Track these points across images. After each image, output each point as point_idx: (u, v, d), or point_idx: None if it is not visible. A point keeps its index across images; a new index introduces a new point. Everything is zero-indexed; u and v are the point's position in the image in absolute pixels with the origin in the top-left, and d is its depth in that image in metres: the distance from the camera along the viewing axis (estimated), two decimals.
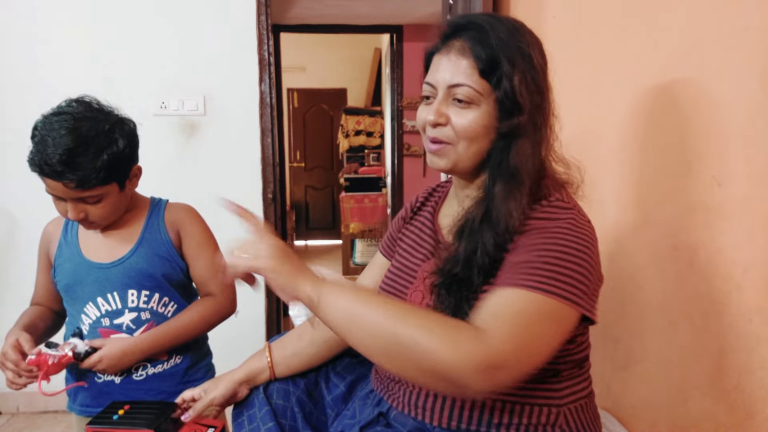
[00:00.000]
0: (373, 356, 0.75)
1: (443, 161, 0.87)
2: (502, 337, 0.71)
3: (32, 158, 1.09)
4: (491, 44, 0.81)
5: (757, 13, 0.92)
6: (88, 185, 1.10)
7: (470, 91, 0.82)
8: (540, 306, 0.74)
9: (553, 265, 0.76)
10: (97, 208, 1.15)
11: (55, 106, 1.14)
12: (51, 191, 1.12)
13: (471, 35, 0.83)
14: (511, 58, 0.81)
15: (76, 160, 1.07)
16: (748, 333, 0.95)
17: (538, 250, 0.77)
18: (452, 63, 0.84)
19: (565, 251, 0.77)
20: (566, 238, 0.78)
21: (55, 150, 1.06)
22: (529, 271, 0.76)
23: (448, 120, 0.85)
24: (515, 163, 0.82)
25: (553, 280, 0.75)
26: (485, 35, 0.82)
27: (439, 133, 0.86)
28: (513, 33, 0.83)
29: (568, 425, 0.87)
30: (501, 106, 0.82)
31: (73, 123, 1.09)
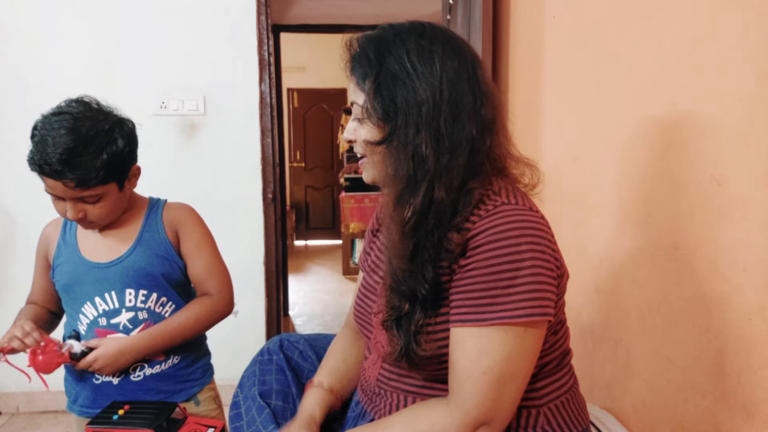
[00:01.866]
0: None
1: (365, 174, 0.89)
2: (470, 408, 0.77)
3: (32, 157, 1.09)
4: (362, 63, 0.83)
5: (757, 12, 0.92)
6: (87, 185, 1.10)
7: (358, 108, 0.84)
8: (506, 343, 0.75)
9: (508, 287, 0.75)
10: (96, 207, 1.15)
11: (55, 106, 1.14)
12: (50, 191, 1.13)
13: (354, 56, 0.85)
14: (377, 74, 0.81)
15: (75, 160, 1.07)
16: (748, 333, 0.95)
17: (487, 274, 0.76)
18: (349, 82, 0.86)
19: (514, 267, 0.75)
20: (511, 252, 0.75)
21: (55, 149, 1.06)
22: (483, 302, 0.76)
23: (356, 136, 0.87)
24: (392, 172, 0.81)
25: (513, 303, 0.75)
26: (358, 55, 0.84)
27: (355, 148, 0.88)
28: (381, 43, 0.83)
29: (550, 425, 0.86)
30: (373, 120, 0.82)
31: (73, 123, 1.09)
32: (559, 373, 0.90)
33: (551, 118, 1.74)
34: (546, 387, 0.87)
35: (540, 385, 0.86)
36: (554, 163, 1.71)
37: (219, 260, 1.32)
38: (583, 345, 1.52)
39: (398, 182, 0.80)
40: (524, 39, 1.94)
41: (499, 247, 0.76)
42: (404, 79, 0.80)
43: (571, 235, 1.58)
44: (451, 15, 2.41)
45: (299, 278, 4.92)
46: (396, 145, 0.80)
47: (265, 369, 1.05)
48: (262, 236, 2.47)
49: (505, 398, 0.78)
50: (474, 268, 0.77)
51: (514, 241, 0.76)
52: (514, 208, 0.79)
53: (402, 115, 0.80)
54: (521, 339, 0.76)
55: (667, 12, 1.16)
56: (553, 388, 0.88)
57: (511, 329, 0.75)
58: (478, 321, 0.76)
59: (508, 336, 0.75)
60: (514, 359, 0.76)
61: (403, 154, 0.80)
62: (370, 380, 0.96)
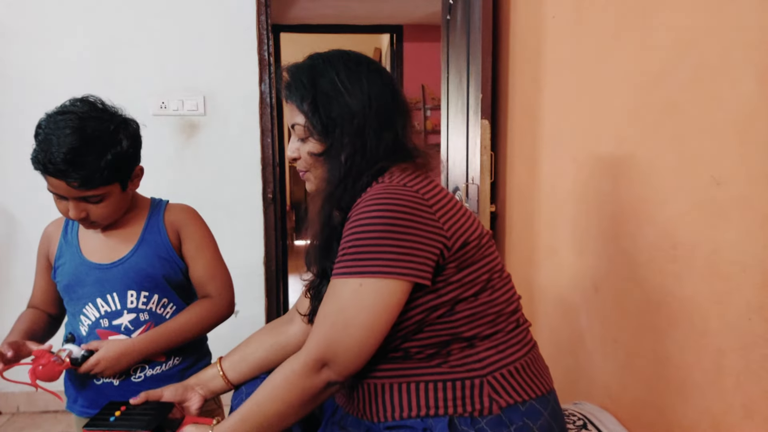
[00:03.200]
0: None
1: (309, 185, 1.03)
2: (313, 341, 0.87)
3: (36, 156, 1.09)
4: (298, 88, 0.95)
5: (756, 12, 0.92)
6: (91, 185, 1.10)
7: (300, 128, 0.96)
8: (352, 295, 0.85)
9: (356, 246, 0.85)
10: (99, 207, 1.15)
11: (60, 105, 1.14)
12: (53, 190, 1.12)
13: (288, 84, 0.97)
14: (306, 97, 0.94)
15: (80, 159, 1.07)
16: (747, 332, 0.95)
17: (346, 236, 0.88)
18: (287, 106, 0.99)
19: (365, 227, 0.85)
20: (366, 214, 0.86)
21: (60, 149, 1.06)
22: (338, 259, 0.87)
23: (299, 153, 0.99)
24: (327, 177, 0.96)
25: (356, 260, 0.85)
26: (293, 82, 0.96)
27: (298, 165, 1.01)
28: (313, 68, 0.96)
29: (498, 393, 0.89)
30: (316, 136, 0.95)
31: (78, 122, 1.09)
32: (506, 344, 0.93)
33: (550, 118, 1.74)
34: (489, 357, 0.91)
35: (482, 356, 0.91)
36: (553, 162, 1.72)
37: (220, 262, 1.32)
38: (581, 345, 1.52)
39: (331, 184, 0.94)
40: (524, 39, 1.94)
41: (354, 215, 0.88)
42: (337, 97, 0.93)
43: (570, 234, 1.58)
44: (451, 15, 2.41)
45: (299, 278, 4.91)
46: (334, 153, 0.94)
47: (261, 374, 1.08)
48: (262, 236, 2.47)
49: (343, 342, 0.86)
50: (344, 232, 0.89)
51: (365, 208, 0.86)
52: (384, 186, 0.89)
53: (339, 127, 0.93)
54: (358, 293, 0.85)
55: (666, 12, 1.16)
56: (498, 357, 0.92)
57: (347, 283, 0.86)
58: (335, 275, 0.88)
59: (345, 287, 0.86)
60: (349, 309, 0.85)
61: (339, 160, 0.93)
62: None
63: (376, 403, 0.93)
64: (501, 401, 0.89)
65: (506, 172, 2.09)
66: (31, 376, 1.11)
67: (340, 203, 0.93)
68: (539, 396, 0.93)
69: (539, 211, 1.81)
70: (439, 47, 2.63)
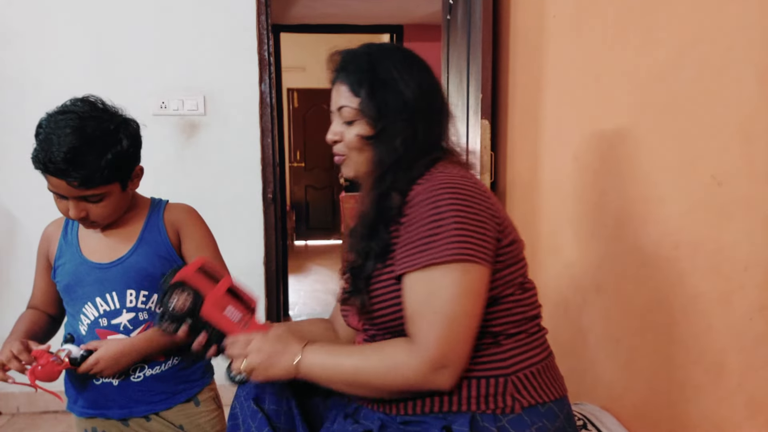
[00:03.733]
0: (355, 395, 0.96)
1: (347, 170, 1.04)
2: (430, 343, 0.84)
3: (36, 156, 1.09)
4: (354, 72, 0.99)
5: (757, 12, 0.92)
6: (91, 184, 1.10)
7: (350, 110, 0.99)
8: (445, 282, 0.85)
9: (434, 234, 0.85)
10: (99, 207, 1.15)
11: (61, 105, 1.14)
12: (53, 189, 1.12)
13: (344, 66, 1.01)
14: (367, 82, 0.97)
15: (80, 159, 1.07)
16: (749, 332, 0.95)
17: (419, 225, 0.87)
18: (337, 90, 1.02)
19: (443, 214, 0.86)
20: (444, 201, 0.87)
21: (60, 148, 1.06)
22: (418, 249, 0.86)
23: (342, 137, 1.01)
24: (376, 160, 0.97)
25: (444, 246, 0.84)
26: (350, 66, 1.00)
27: (337, 148, 1.03)
28: (369, 58, 1.00)
29: (519, 392, 0.90)
30: (368, 119, 0.97)
31: (79, 122, 1.09)
32: (528, 345, 0.94)
33: (551, 118, 1.74)
34: (514, 357, 0.92)
35: (507, 354, 0.92)
36: (554, 162, 1.71)
37: (220, 262, 1.31)
38: (583, 344, 1.52)
39: (382, 167, 0.96)
40: (524, 39, 1.93)
41: (425, 201, 0.88)
42: (393, 84, 0.97)
43: (572, 234, 1.58)
44: (451, 15, 2.40)
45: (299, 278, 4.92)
46: (385, 138, 0.96)
47: None
48: (262, 236, 2.46)
49: (460, 338, 0.85)
50: (409, 223, 0.89)
51: (436, 195, 0.88)
52: (444, 174, 0.92)
53: (393, 113, 0.96)
54: (460, 280, 0.85)
55: (667, 11, 1.16)
56: (522, 358, 0.93)
57: (449, 271, 0.85)
58: (415, 265, 0.86)
59: (447, 277, 0.85)
60: (459, 298, 0.85)
61: (391, 144, 0.96)
62: None
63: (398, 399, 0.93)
64: (523, 401, 0.90)
65: (506, 172, 2.09)
66: (30, 376, 1.10)
67: (394, 186, 0.94)
68: (557, 399, 0.94)
69: (540, 211, 1.81)
70: (439, 47, 2.63)
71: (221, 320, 1.00)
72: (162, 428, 1.27)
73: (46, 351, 1.12)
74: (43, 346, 1.13)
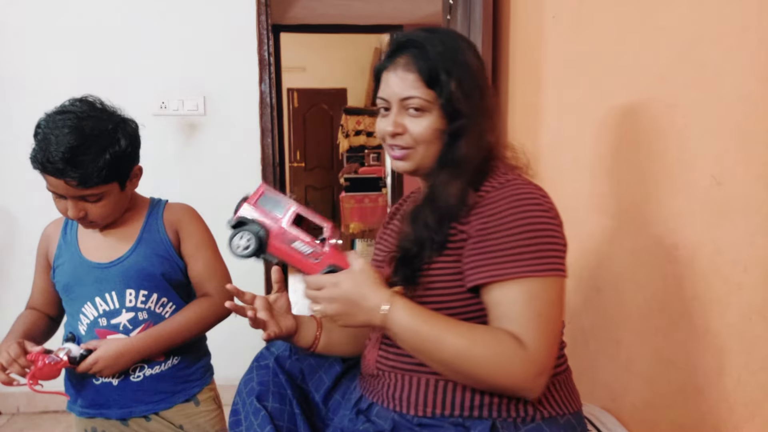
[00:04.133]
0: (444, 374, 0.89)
1: (407, 164, 0.97)
2: (538, 347, 0.82)
3: (35, 156, 1.09)
4: (430, 58, 0.91)
5: (757, 13, 0.92)
6: (89, 184, 1.10)
7: (421, 102, 0.92)
8: (547, 289, 0.84)
9: (534, 244, 0.84)
10: (97, 206, 1.15)
11: (59, 105, 1.14)
12: (52, 189, 1.12)
13: (412, 52, 0.92)
14: (449, 69, 0.90)
15: (78, 159, 1.07)
16: (748, 333, 0.95)
17: (510, 234, 0.85)
18: (400, 78, 0.93)
19: (537, 228, 0.85)
20: (531, 215, 0.85)
21: (58, 148, 1.06)
22: (520, 258, 0.84)
23: (405, 129, 0.94)
24: (461, 155, 0.92)
25: (542, 258, 0.84)
26: (424, 50, 0.92)
27: (400, 141, 0.95)
28: (447, 44, 0.93)
29: (541, 403, 0.89)
30: (445, 111, 0.92)
31: (77, 122, 1.09)
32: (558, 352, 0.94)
33: (551, 118, 1.74)
34: None
35: None
36: (554, 163, 1.71)
37: (219, 261, 1.32)
38: (583, 345, 1.52)
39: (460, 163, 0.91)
40: (524, 39, 1.93)
41: (516, 212, 0.85)
42: (469, 73, 0.92)
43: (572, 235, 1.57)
44: (451, 15, 2.40)
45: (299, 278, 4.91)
46: (463, 131, 0.91)
47: (261, 373, 1.06)
48: None
49: (555, 344, 0.85)
50: (495, 230, 0.85)
51: (524, 206, 0.86)
52: (522, 183, 0.90)
53: (471, 103, 0.91)
54: (553, 287, 0.85)
55: (667, 12, 1.16)
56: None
57: (550, 282, 0.85)
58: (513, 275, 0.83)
59: (544, 283, 0.84)
60: (555, 303, 0.85)
61: (471, 139, 0.91)
62: (369, 365, 1.00)
63: (415, 395, 0.92)
64: (544, 411, 0.89)
65: None
66: (29, 379, 1.10)
67: (472, 183, 0.90)
68: (575, 412, 0.94)
69: None
70: None
71: (290, 258, 0.94)
72: (162, 428, 1.27)
73: (41, 352, 1.12)
74: (37, 348, 1.13)
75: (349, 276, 0.88)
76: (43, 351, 1.13)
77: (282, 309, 1.03)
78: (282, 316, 1.02)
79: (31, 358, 1.11)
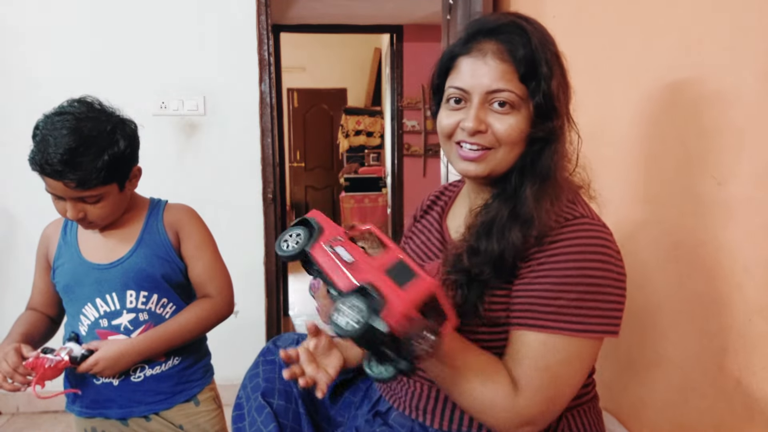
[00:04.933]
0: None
1: (481, 167, 0.85)
2: (530, 401, 0.78)
3: (33, 157, 1.09)
4: (531, 47, 0.79)
5: (757, 13, 0.92)
6: (88, 185, 1.09)
7: (513, 96, 0.80)
8: (568, 347, 0.78)
9: (580, 300, 0.77)
10: (97, 207, 1.15)
11: (57, 106, 1.14)
12: (51, 190, 1.12)
13: (507, 38, 0.80)
14: (549, 62, 0.80)
15: (76, 160, 1.07)
16: (748, 332, 0.95)
17: (559, 284, 0.78)
18: (490, 67, 0.80)
19: (591, 283, 0.78)
20: (590, 267, 0.78)
21: (57, 149, 1.06)
22: (557, 311, 0.78)
23: (488, 126, 0.82)
24: (550, 165, 0.82)
25: (582, 316, 0.77)
26: (524, 38, 0.80)
27: (482, 140, 0.83)
28: (545, 34, 0.82)
29: (570, 428, 0.88)
30: (538, 110, 0.81)
31: (75, 123, 1.09)
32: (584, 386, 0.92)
33: None
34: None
35: None
36: None
37: (219, 262, 1.32)
38: None
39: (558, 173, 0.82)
40: None
41: (575, 260, 0.78)
42: (564, 70, 0.82)
43: None
44: (451, 15, 2.40)
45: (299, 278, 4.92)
46: (559, 137, 0.82)
47: (267, 368, 1.05)
48: (262, 236, 2.46)
49: (558, 407, 0.80)
50: (547, 275, 0.79)
51: (591, 258, 0.78)
52: (592, 225, 0.81)
53: (563, 104, 0.82)
54: (589, 352, 0.80)
55: (667, 12, 1.16)
56: (579, 394, 0.89)
57: (583, 342, 0.79)
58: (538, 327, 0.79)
59: (569, 342, 0.78)
60: (579, 372, 0.80)
61: (560, 144, 0.82)
62: None
63: (441, 408, 0.89)
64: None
65: None
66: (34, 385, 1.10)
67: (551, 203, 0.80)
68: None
69: None
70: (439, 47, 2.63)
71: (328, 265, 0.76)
72: (162, 428, 1.27)
73: (37, 357, 1.11)
74: (34, 353, 1.12)
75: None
76: (40, 353, 1.12)
77: (324, 349, 0.94)
78: (326, 356, 0.94)
79: (30, 365, 1.10)
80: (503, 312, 0.84)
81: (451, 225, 0.99)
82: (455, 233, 0.95)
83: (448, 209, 1.04)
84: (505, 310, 0.84)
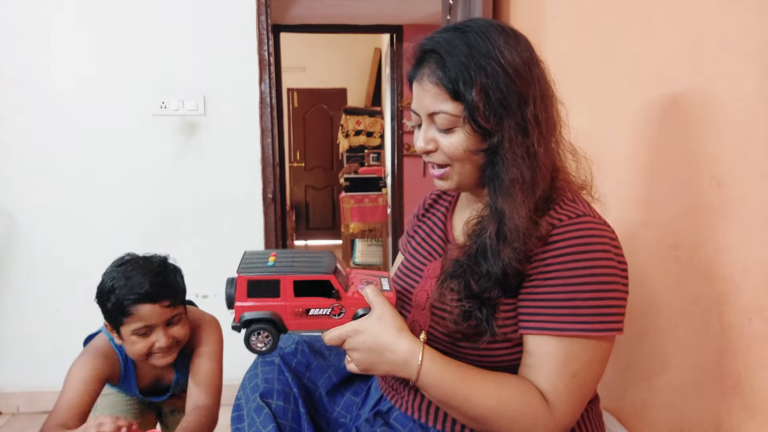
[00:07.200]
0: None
1: (448, 183, 0.88)
2: (565, 411, 0.79)
3: (121, 296, 1.18)
4: (451, 66, 0.80)
5: (757, 13, 0.92)
6: (177, 301, 1.24)
7: (447, 117, 0.82)
8: (589, 350, 0.80)
9: (594, 300, 0.78)
10: (180, 327, 1.26)
11: (110, 264, 1.25)
12: (138, 325, 1.20)
13: (438, 58, 0.81)
14: (471, 77, 0.79)
15: (164, 280, 1.22)
16: (748, 333, 0.95)
17: (570, 285, 0.79)
18: (425, 91, 0.83)
19: (601, 281, 0.79)
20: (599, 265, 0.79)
21: (145, 278, 1.20)
22: (573, 313, 0.79)
23: (437, 145, 0.85)
24: (509, 177, 0.81)
25: (598, 316, 0.79)
26: (452, 55, 0.80)
27: (434, 158, 0.87)
28: (474, 45, 0.80)
29: (570, 429, 0.88)
30: (475, 123, 0.81)
31: (142, 262, 1.25)
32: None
33: None
34: None
35: None
36: None
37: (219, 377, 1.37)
38: None
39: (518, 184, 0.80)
40: None
41: (583, 259, 0.79)
42: (501, 78, 0.79)
43: None
44: (451, 15, 2.40)
45: None
46: (507, 148, 0.80)
47: (266, 369, 1.05)
48: (262, 236, 2.47)
49: (584, 405, 0.82)
50: (557, 276, 0.79)
51: (598, 256, 0.79)
52: (595, 223, 0.82)
53: (511, 117, 0.80)
54: (598, 349, 0.81)
55: (666, 12, 1.16)
56: None
57: (601, 342, 0.80)
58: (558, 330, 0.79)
59: (589, 344, 0.79)
60: (594, 365, 0.81)
61: (518, 157, 0.80)
62: None
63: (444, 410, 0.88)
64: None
65: None
66: None
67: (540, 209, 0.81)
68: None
69: None
70: None
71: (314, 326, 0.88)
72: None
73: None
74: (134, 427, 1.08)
75: (368, 325, 0.81)
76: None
77: None
78: None
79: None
80: (514, 320, 0.84)
81: (456, 224, 1.00)
82: (458, 233, 0.95)
83: (452, 208, 1.04)
84: (514, 317, 0.85)
